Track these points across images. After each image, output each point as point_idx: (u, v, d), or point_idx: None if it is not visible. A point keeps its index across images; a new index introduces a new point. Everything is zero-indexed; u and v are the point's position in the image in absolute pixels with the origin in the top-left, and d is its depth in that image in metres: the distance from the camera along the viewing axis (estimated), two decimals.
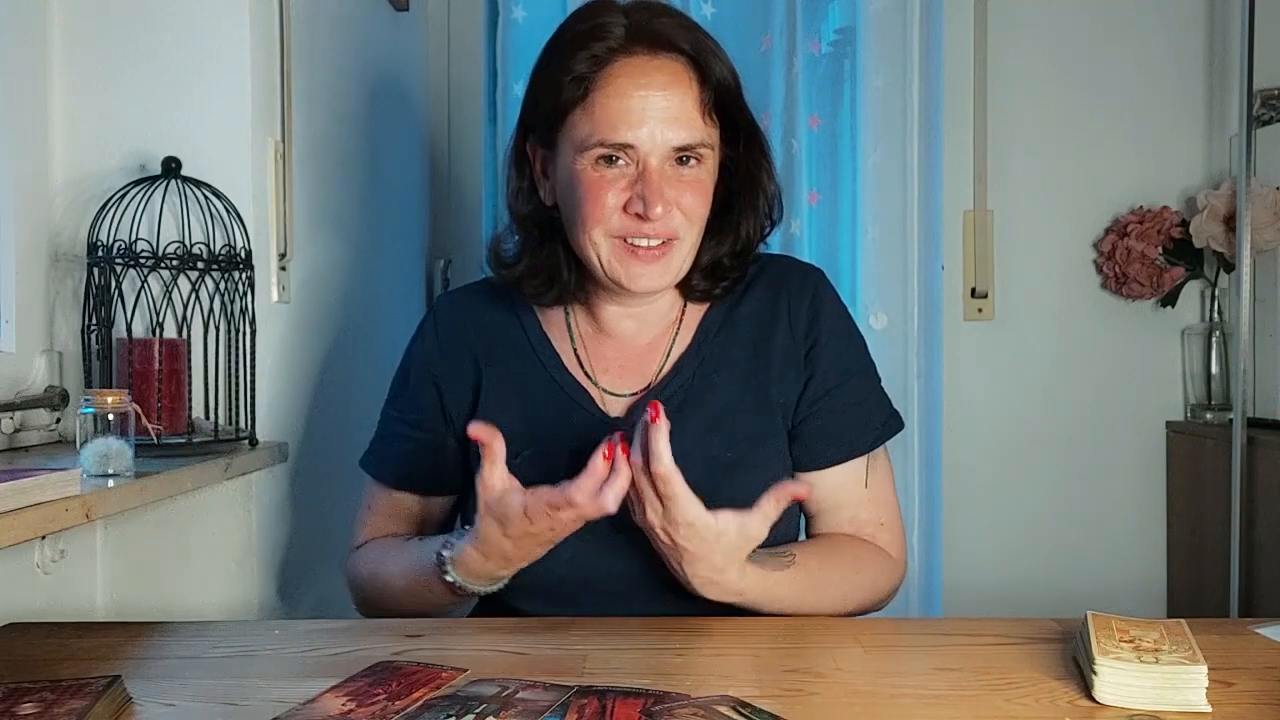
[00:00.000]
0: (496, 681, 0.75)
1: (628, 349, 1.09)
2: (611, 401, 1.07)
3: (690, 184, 0.99)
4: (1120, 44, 2.17)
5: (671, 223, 0.98)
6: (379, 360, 1.14)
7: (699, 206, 1.00)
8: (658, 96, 0.96)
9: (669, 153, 0.97)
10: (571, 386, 1.07)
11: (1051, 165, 2.18)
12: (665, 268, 1.00)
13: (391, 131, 1.91)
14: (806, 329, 1.08)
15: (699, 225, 1.01)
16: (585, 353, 1.09)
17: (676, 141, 0.97)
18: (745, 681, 0.77)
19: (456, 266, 2.21)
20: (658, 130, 0.96)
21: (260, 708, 0.72)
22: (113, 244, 1.17)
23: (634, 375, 1.08)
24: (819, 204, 2.21)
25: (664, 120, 0.96)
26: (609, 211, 0.98)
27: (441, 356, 1.11)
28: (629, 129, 0.96)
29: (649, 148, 0.96)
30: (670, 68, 0.98)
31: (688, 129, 0.97)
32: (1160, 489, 2.19)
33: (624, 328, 1.09)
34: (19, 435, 1.19)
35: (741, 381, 1.06)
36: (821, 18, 2.22)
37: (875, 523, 1.08)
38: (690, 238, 1.01)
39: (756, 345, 1.08)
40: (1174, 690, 0.71)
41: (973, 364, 2.18)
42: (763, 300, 1.09)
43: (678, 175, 0.98)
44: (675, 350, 1.08)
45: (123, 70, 1.27)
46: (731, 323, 1.09)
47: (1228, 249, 2.00)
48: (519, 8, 2.15)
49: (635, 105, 0.96)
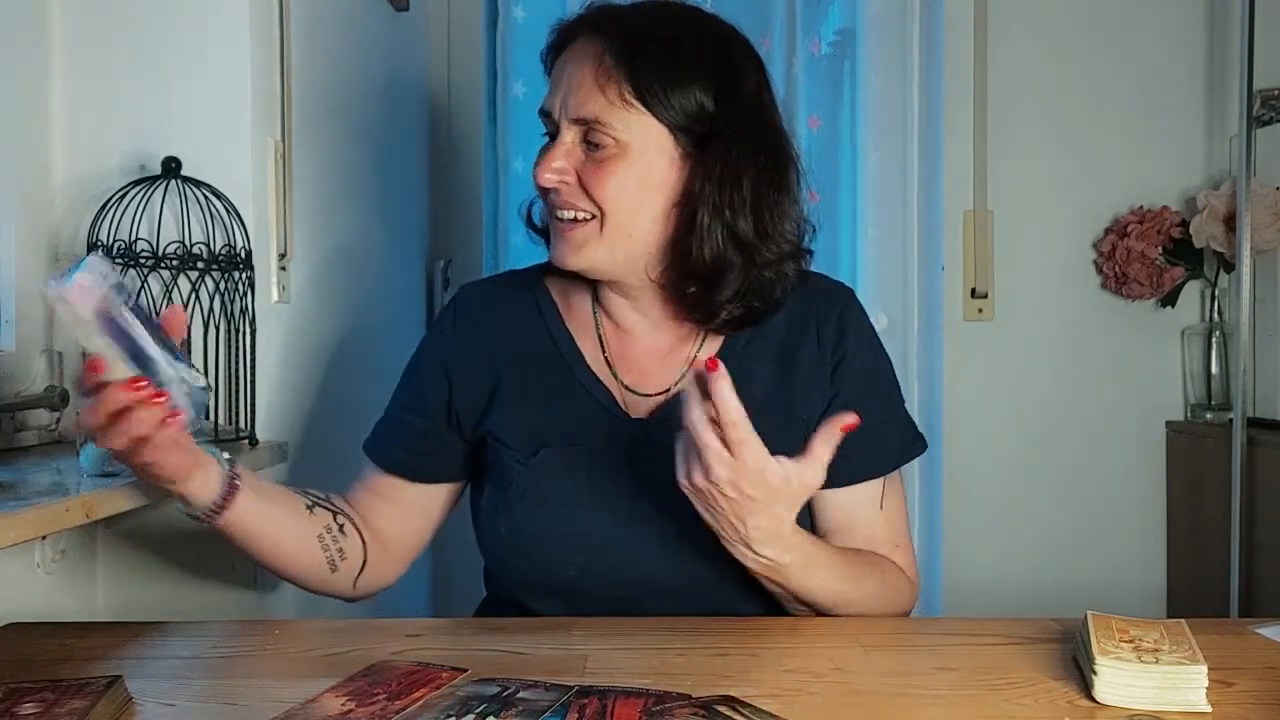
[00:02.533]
0: (496, 681, 0.75)
1: (649, 349, 1.08)
2: (633, 401, 1.06)
3: (597, 164, 1.00)
4: (1120, 44, 2.17)
5: (574, 199, 1.00)
6: (379, 360, 1.14)
7: (607, 190, 0.99)
8: (571, 69, 1.01)
9: (573, 127, 1.00)
10: (593, 385, 1.06)
11: (1051, 165, 2.18)
12: (570, 247, 1.02)
13: (391, 131, 1.91)
14: (834, 346, 1.07)
15: (616, 214, 1.00)
16: (610, 350, 1.09)
17: (572, 113, 0.99)
18: (745, 681, 0.77)
19: (456, 266, 2.21)
20: (562, 100, 1.00)
21: (260, 708, 0.72)
22: (113, 244, 1.17)
23: (656, 376, 1.07)
24: (819, 204, 2.20)
25: (568, 91, 1.00)
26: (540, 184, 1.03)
27: (457, 352, 1.10)
28: (547, 98, 1.03)
29: (557, 117, 1.01)
30: (592, 48, 1.00)
31: (583, 101, 0.99)
32: (1160, 489, 2.19)
33: (634, 323, 1.08)
34: (19, 435, 1.19)
35: (767, 395, 1.04)
36: (821, 18, 2.22)
37: (891, 544, 1.07)
38: (613, 218, 1.00)
39: (783, 360, 1.07)
40: (1174, 690, 0.71)
41: (973, 364, 2.18)
42: (791, 316, 1.08)
43: (588, 156, 1.00)
44: (701, 357, 1.07)
45: (123, 70, 1.27)
46: (760, 336, 1.07)
47: (1228, 249, 2.00)
48: (519, 7, 2.15)
49: (555, 77, 1.03)
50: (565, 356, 1.08)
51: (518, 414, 1.05)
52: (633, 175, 1.00)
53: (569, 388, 1.06)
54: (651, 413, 1.05)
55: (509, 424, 1.05)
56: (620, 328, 1.09)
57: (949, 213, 2.15)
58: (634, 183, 1.00)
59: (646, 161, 1.00)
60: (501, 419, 1.06)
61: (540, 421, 1.04)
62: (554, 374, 1.07)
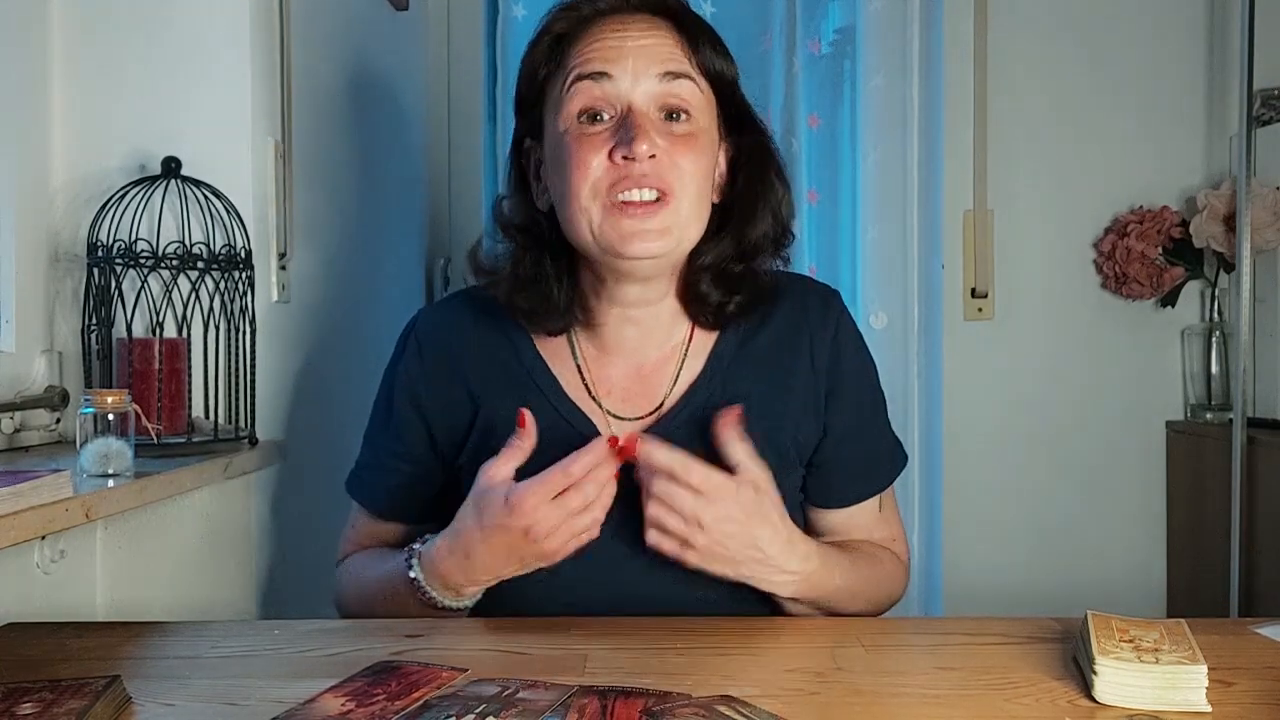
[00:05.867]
0: (497, 681, 0.75)
1: (633, 370, 1.03)
2: (617, 426, 1.01)
3: (682, 139, 0.93)
4: (1120, 44, 2.17)
5: (663, 171, 0.91)
6: (379, 360, 1.13)
7: (691, 164, 0.93)
8: (636, 35, 0.93)
9: (653, 95, 0.93)
10: (572, 413, 1.01)
11: (1051, 165, 2.18)
12: (662, 226, 0.92)
13: (391, 131, 1.91)
14: (829, 366, 1.03)
15: (694, 189, 0.94)
16: (589, 373, 1.03)
17: (658, 69, 0.92)
18: (745, 681, 0.77)
19: (456, 266, 2.21)
20: (638, 63, 0.92)
21: (260, 708, 0.71)
22: (113, 244, 1.17)
23: (640, 399, 1.02)
24: (819, 204, 2.21)
25: (644, 56, 0.92)
26: (594, 168, 0.92)
27: (428, 386, 1.05)
28: (605, 62, 0.93)
29: (629, 84, 0.92)
30: (651, 20, 0.95)
31: (671, 59, 0.93)
32: (1160, 489, 2.19)
33: (626, 337, 1.02)
34: (19, 435, 1.19)
35: (757, 414, 0.97)
36: (821, 17, 2.22)
37: (889, 540, 1.09)
38: (686, 199, 0.93)
39: (774, 379, 1.03)
40: (1174, 690, 0.71)
41: (973, 364, 2.18)
42: (781, 330, 1.04)
43: (667, 129, 0.93)
44: (685, 376, 1.02)
45: (123, 70, 1.27)
46: (746, 353, 1.03)
47: (1228, 249, 2.00)
48: (519, 6, 2.16)
49: (612, 43, 0.93)
50: (542, 387, 1.02)
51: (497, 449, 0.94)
52: (706, 153, 0.96)
53: (548, 419, 0.97)
54: None
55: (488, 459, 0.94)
56: (606, 350, 1.03)
57: (949, 212, 2.15)
58: (705, 162, 0.96)
59: (711, 139, 0.98)
60: (481, 455, 0.95)
61: None
62: (531, 407, 0.95)
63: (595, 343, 1.04)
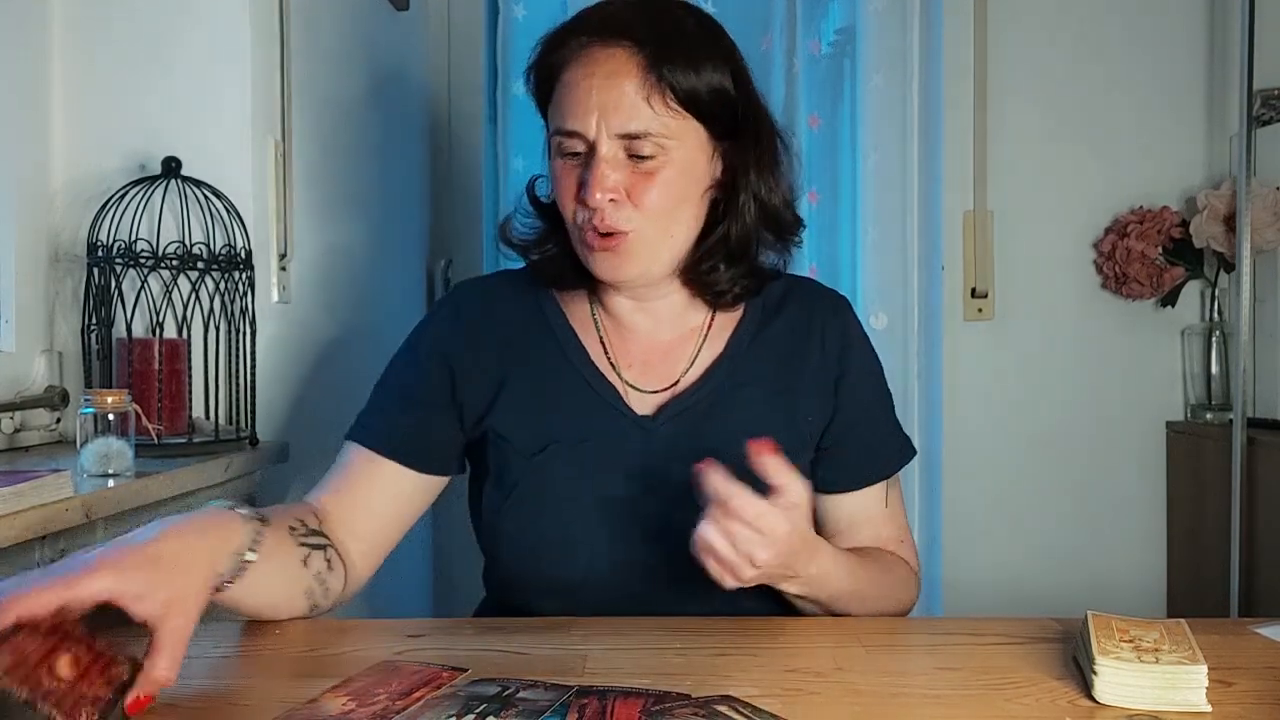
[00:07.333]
0: (497, 681, 0.75)
1: (650, 345, 1.08)
2: (637, 398, 1.05)
3: (644, 176, 0.97)
4: (1120, 44, 2.17)
5: (619, 215, 0.97)
6: (379, 360, 1.13)
7: (657, 200, 0.98)
8: (603, 84, 0.96)
9: (617, 141, 0.97)
10: (598, 382, 1.06)
11: (1051, 165, 2.18)
12: (621, 259, 0.99)
13: (391, 131, 1.91)
14: (838, 356, 1.08)
15: (661, 220, 0.99)
16: (610, 346, 1.08)
17: (618, 129, 0.96)
18: (745, 681, 0.77)
19: (456, 266, 2.22)
20: (602, 118, 0.96)
21: (260, 708, 0.71)
22: (113, 244, 1.17)
23: (658, 373, 1.07)
24: (819, 204, 2.21)
25: (607, 108, 0.96)
26: (569, 201, 0.99)
27: (461, 346, 1.07)
28: (575, 118, 0.97)
29: (594, 135, 0.96)
30: (619, 55, 0.97)
31: (630, 117, 0.96)
32: (1160, 489, 2.19)
33: (638, 322, 1.08)
34: (19, 435, 1.19)
35: (771, 397, 1.06)
36: (821, 17, 2.22)
37: (896, 540, 1.10)
38: (650, 232, 0.98)
39: (788, 363, 1.08)
40: (1174, 690, 0.71)
41: (973, 364, 2.18)
42: (794, 320, 1.09)
43: (633, 167, 0.97)
44: (704, 356, 1.07)
45: (123, 70, 1.27)
46: (763, 339, 1.08)
47: (1228, 249, 2.00)
48: (519, 6, 2.16)
49: (582, 94, 0.97)
50: (570, 355, 1.07)
51: (523, 412, 1.04)
52: (678, 179, 0.99)
53: (574, 385, 1.05)
54: (657, 410, 1.05)
55: (514, 422, 1.04)
56: (621, 325, 1.09)
57: (949, 213, 2.15)
58: (678, 186, 0.99)
59: (690, 161, 1.00)
60: (506, 417, 1.05)
61: (546, 419, 1.04)
62: (559, 372, 1.06)
63: (610, 318, 1.09)
